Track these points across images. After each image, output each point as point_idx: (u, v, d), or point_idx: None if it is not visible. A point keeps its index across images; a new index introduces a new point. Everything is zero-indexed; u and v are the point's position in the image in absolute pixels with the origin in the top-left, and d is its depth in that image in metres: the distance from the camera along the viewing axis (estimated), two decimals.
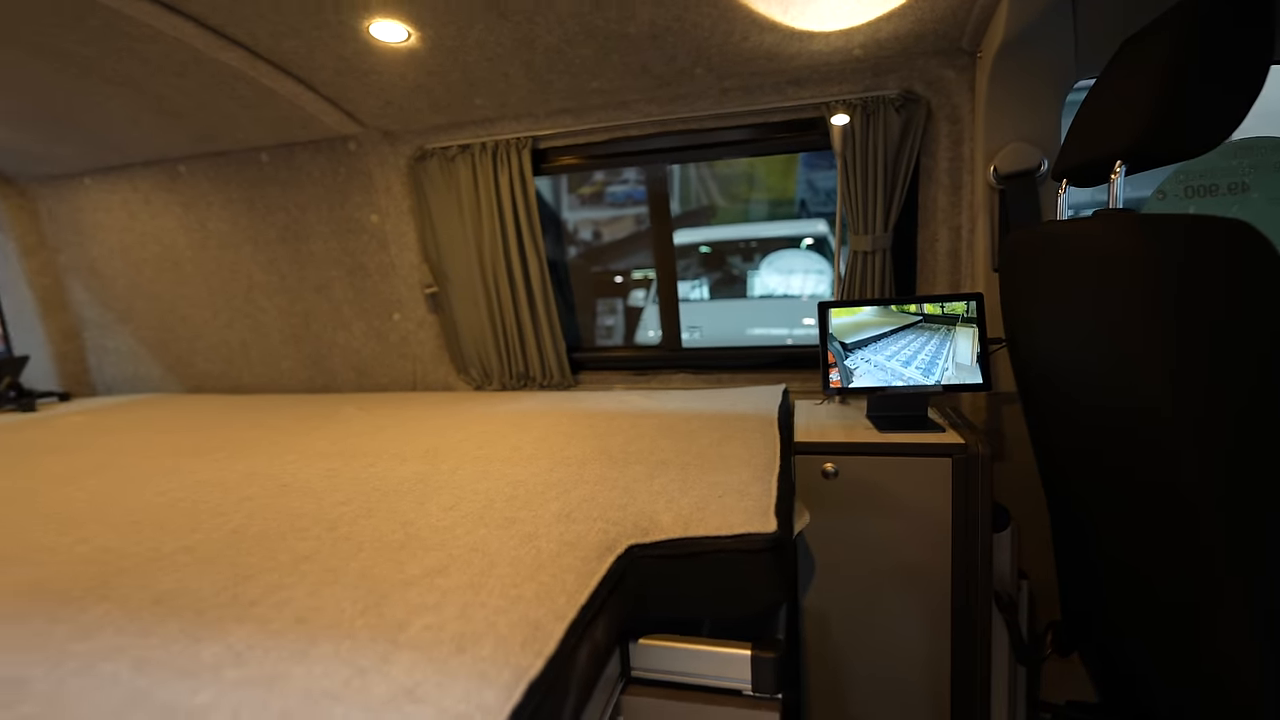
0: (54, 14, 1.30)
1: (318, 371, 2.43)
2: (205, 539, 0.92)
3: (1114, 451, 0.97)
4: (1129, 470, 0.93)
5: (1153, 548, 0.83)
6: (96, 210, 2.37)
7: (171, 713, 0.54)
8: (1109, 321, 0.88)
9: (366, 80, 1.70)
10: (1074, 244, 0.95)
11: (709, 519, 0.91)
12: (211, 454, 1.44)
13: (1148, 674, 0.92)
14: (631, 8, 1.40)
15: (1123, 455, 0.94)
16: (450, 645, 0.62)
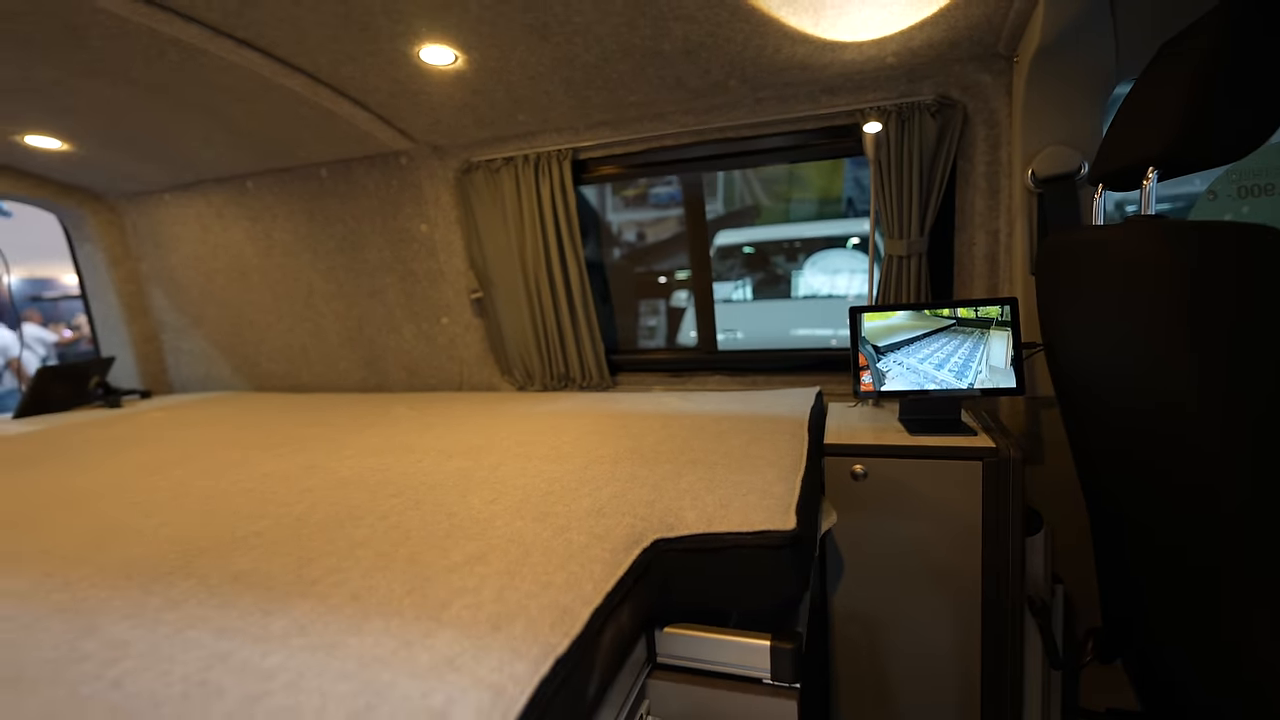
0: (142, 50, 1.44)
1: (371, 372, 2.57)
2: (273, 525, 1.02)
3: (1146, 455, 0.98)
4: (1163, 474, 0.93)
5: (1189, 553, 0.84)
6: (174, 223, 2.57)
7: (246, 671, 0.62)
8: (1137, 326, 0.89)
9: (417, 100, 1.81)
10: (1103, 250, 0.96)
11: (732, 516, 0.96)
12: (276, 448, 1.56)
13: (1189, 682, 0.92)
14: (666, 26, 1.46)
15: (1156, 459, 0.94)
16: (487, 624, 0.69)
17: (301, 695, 0.57)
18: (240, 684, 0.59)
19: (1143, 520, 1.00)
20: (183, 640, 0.68)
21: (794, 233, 6.95)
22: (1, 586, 0.83)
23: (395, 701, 0.56)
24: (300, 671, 0.61)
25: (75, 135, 1.98)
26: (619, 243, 8.22)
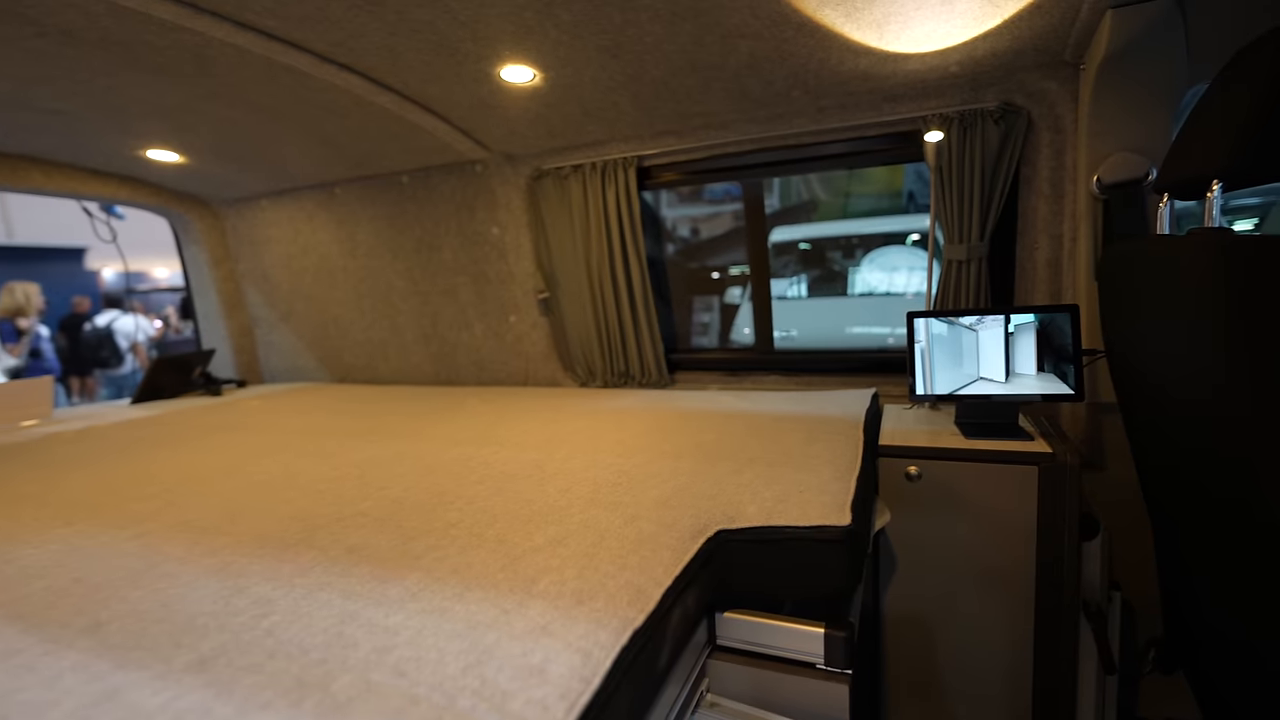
0: (258, 76, 1.61)
1: (443, 366, 2.73)
2: (375, 506, 1.15)
3: (1197, 465, 1.00)
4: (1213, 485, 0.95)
5: (1244, 563, 0.86)
6: (269, 227, 2.79)
7: (373, 628, 0.73)
8: (1188, 337, 0.91)
9: (494, 114, 1.93)
10: (1161, 261, 0.99)
11: (789, 510, 1.03)
12: (366, 436, 1.71)
13: (1251, 695, 0.93)
14: (732, 43, 1.52)
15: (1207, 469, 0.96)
16: (571, 598, 0.78)
17: (421, 649, 0.68)
18: (370, 638, 0.71)
19: (1198, 528, 1.01)
20: (315, 600, 0.80)
21: (852, 229, 6.84)
22: (163, 550, 0.98)
23: (500, 658, 0.66)
24: (418, 630, 0.72)
25: (191, 150, 2.19)
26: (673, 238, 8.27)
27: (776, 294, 6.88)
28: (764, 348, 2.32)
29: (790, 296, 7.02)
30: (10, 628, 0.76)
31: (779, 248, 7.25)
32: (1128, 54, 1.42)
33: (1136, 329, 1.12)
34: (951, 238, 1.82)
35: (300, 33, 1.43)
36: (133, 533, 1.06)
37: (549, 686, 0.61)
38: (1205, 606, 1.05)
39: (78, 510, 1.20)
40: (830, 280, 6.64)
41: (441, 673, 0.63)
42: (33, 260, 13.64)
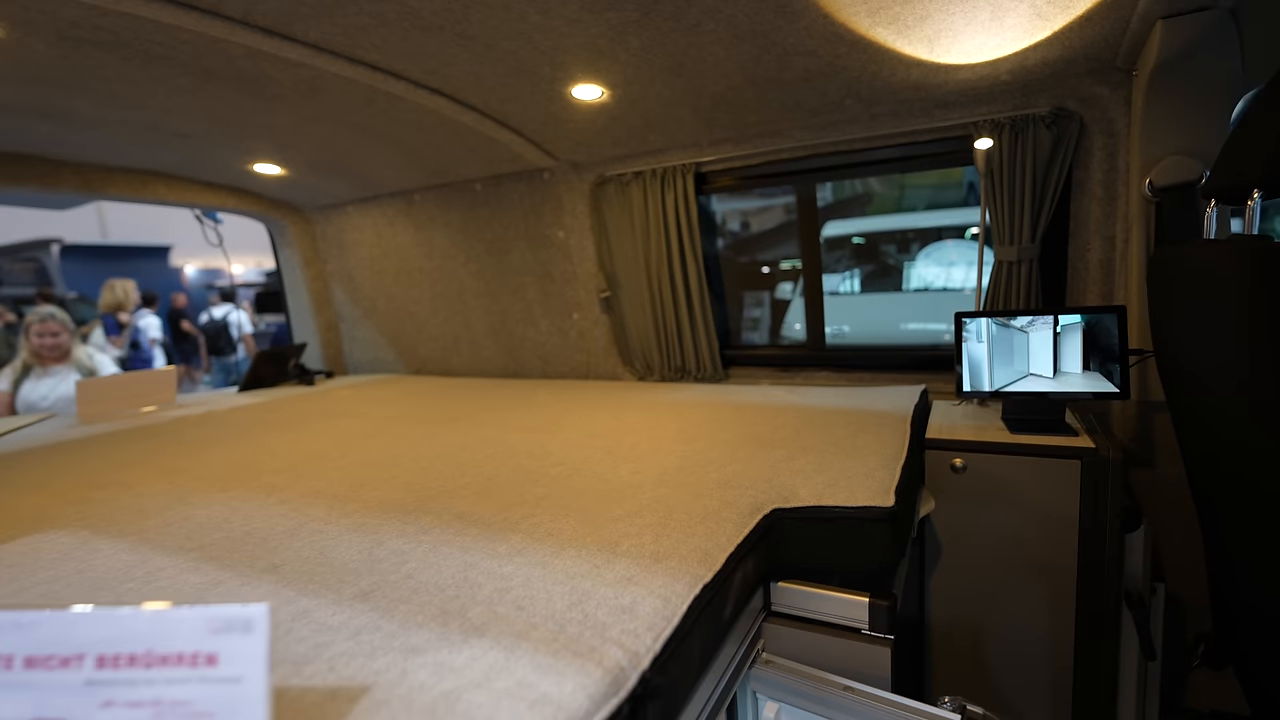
0: (359, 100, 1.81)
1: (510, 360, 2.93)
2: (472, 481, 1.32)
3: (1234, 456, 1.07)
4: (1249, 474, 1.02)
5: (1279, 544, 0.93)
6: (354, 231, 3.04)
7: (491, 574, 0.89)
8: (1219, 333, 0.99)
9: (563, 126, 2.09)
10: (1203, 265, 1.06)
11: (838, 493, 1.15)
12: (452, 423, 1.90)
13: None
14: (789, 60, 1.63)
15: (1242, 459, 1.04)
16: (650, 558, 0.93)
17: (532, 591, 0.83)
18: (490, 581, 0.87)
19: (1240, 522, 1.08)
20: (440, 553, 0.97)
21: (908, 223, 6.74)
22: (307, 512, 1.18)
23: (596, 599, 0.81)
24: (527, 577, 0.87)
25: (292, 163, 2.43)
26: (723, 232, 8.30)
27: (828, 289, 6.87)
28: (816, 345, 2.42)
29: (842, 292, 6.98)
30: (208, 565, 0.96)
31: (831, 242, 7.21)
32: (1179, 61, 1.46)
33: (1179, 328, 1.19)
34: (1002, 239, 1.88)
35: (400, 63, 1.62)
36: (277, 499, 1.26)
37: (638, 621, 0.75)
38: (1246, 585, 1.11)
39: (225, 480, 1.42)
40: (884, 275, 6.57)
41: (551, 607, 0.78)
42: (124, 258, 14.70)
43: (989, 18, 1.44)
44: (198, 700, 0.50)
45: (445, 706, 0.60)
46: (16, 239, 13.29)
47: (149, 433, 1.99)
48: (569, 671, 0.65)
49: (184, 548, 1.04)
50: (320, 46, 1.47)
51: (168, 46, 1.42)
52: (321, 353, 3.30)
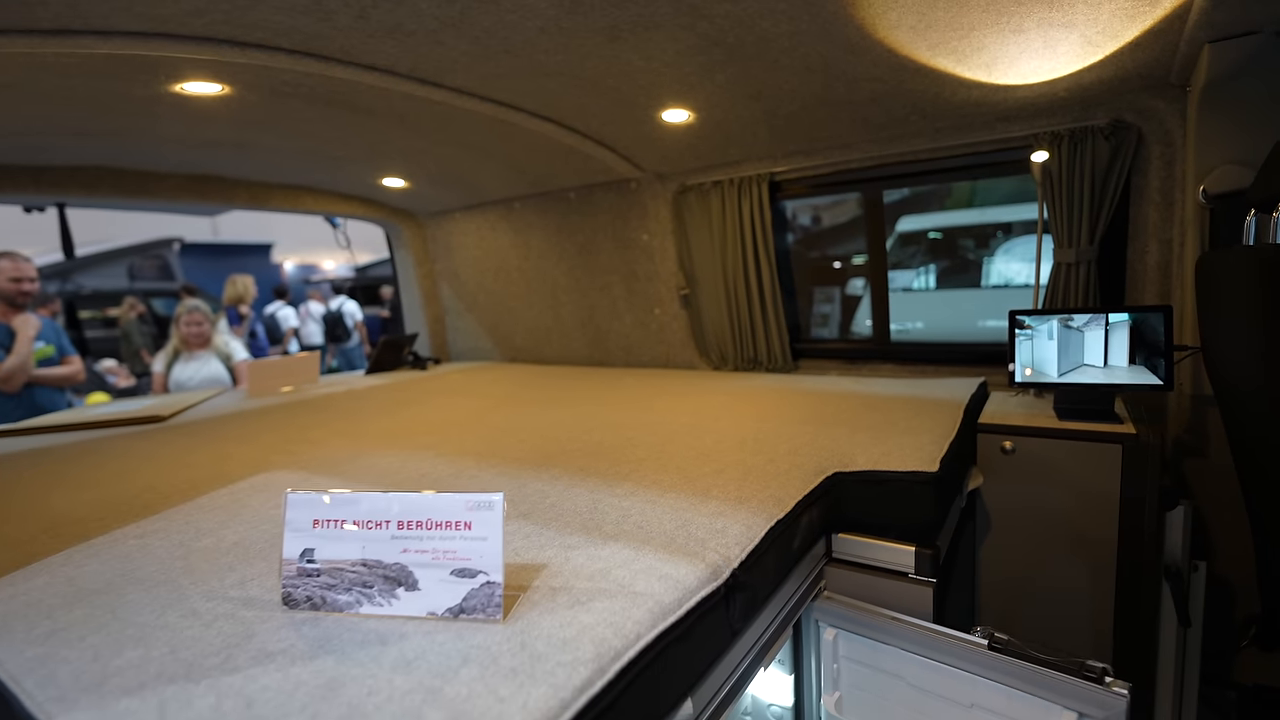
0: (482, 127, 2.14)
1: (596, 350, 3.24)
2: (583, 446, 1.61)
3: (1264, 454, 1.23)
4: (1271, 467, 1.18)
5: None
6: (460, 235, 3.42)
7: (613, 507, 1.17)
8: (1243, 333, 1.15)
9: (652, 143, 2.36)
10: (1231, 269, 1.23)
11: (891, 462, 1.37)
12: (554, 403, 2.22)
13: None
14: (858, 85, 1.84)
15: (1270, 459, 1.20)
16: (734, 501, 1.19)
17: (647, 518, 1.11)
18: (613, 511, 1.15)
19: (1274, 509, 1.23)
20: (572, 493, 1.26)
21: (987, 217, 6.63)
22: (460, 464, 1.50)
23: (696, 524, 1.07)
24: (642, 509, 1.15)
25: (415, 178, 2.82)
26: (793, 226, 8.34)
27: (902, 285, 6.89)
28: (881, 339, 2.60)
29: (916, 288, 6.94)
30: None
31: (906, 237, 7.17)
32: (1227, 81, 1.58)
33: (1218, 326, 1.34)
34: (1061, 242, 2.02)
35: (522, 100, 1.93)
36: (434, 453, 1.60)
37: (728, 539, 1.02)
38: None
39: (387, 441, 1.77)
40: (962, 271, 6.50)
41: (662, 528, 1.06)
42: (232, 255, 16.09)
43: (1041, 46, 1.60)
44: (459, 550, 0.80)
45: (600, 574, 0.88)
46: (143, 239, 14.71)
47: (309, 405, 2.41)
48: (681, 563, 0.92)
49: (377, 484, 1.38)
50: (462, 90, 1.80)
51: (344, 94, 1.78)
52: (429, 341, 3.72)
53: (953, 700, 1.21)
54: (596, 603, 0.81)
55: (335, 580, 0.83)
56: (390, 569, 0.81)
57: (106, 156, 2.21)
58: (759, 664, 1.10)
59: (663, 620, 0.79)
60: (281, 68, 1.48)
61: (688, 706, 0.85)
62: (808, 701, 1.40)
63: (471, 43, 1.46)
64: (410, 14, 1.29)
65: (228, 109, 1.80)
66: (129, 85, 1.52)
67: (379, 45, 1.44)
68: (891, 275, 7.40)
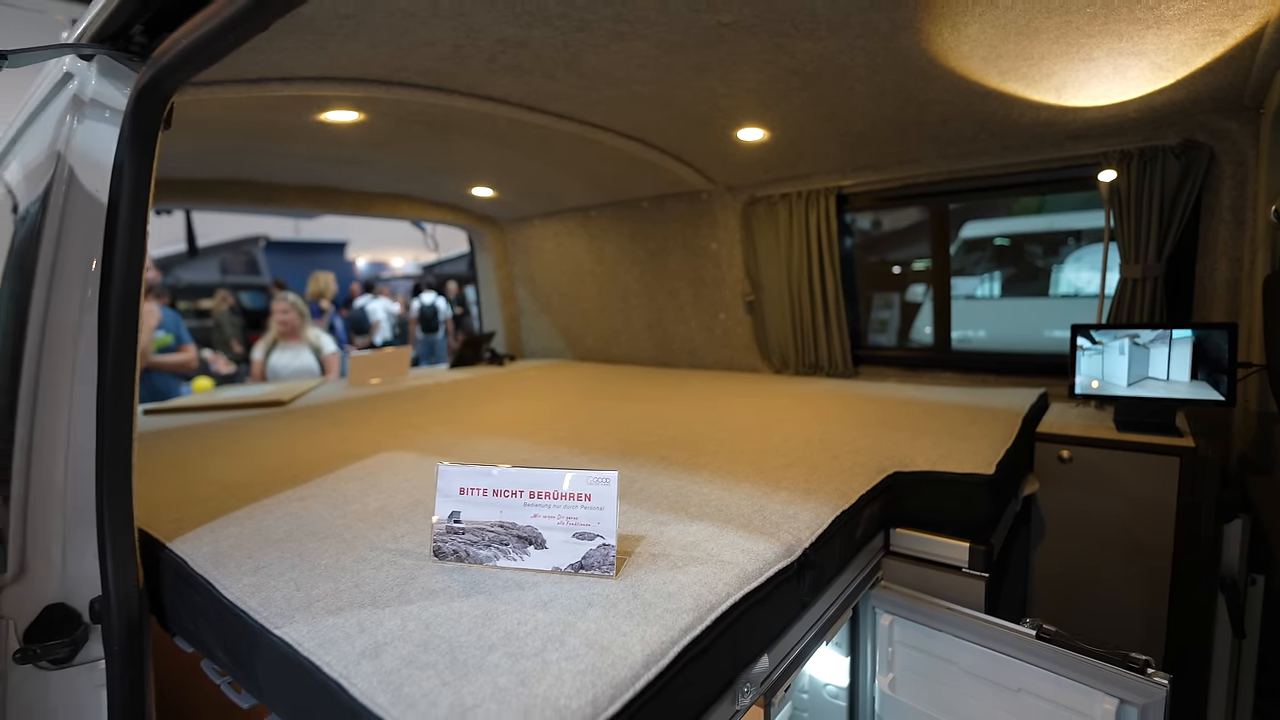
0: (570, 144, 2.33)
1: (663, 352, 3.41)
2: (660, 439, 1.78)
3: None
4: None
5: None
6: (538, 239, 3.65)
7: (695, 492, 1.33)
8: None
9: (725, 158, 2.51)
10: None
11: (949, 464, 1.48)
12: (629, 399, 2.39)
13: None
14: (927, 107, 1.94)
15: None
16: (803, 492, 1.33)
17: (725, 503, 1.26)
18: (695, 497, 1.31)
19: None
20: (656, 479, 1.43)
21: (1057, 224, 6.45)
22: (554, 450, 1.69)
23: (769, 510, 1.22)
24: (721, 495, 1.31)
25: (502, 188, 3.05)
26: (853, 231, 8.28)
27: (965, 292, 6.77)
28: (941, 347, 2.67)
29: (980, 295, 6.81)
30: None
31: (970, 243, 7.04)
32: None
33: None
34: (1128, 258, 2.07)
35: (611, 122, 2.11)
36: (529, 441, 1.80)
37: (799, 524, 1.16)
38: None
39: (484, 429, 1.99)
40: (1029, 278, 6.35)
41: (740, 512, 1.21)
42: (311, 252, 17.03)
43: (1111, 72, 1.67)
44: (580, 517, 0.97)
45: (691, 546, 1.04)
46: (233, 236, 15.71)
47: (405, 396, 2.67)
48: (760, 541, 1.07)
49: None
50: (562, 115, 2.00)
51: (458, 120, 2.00)
52: (505, 339, 3.97)
53: (1001, 685, 1.32)
54: (691, 567, 0.97)
55: (477, 538, 1.02)
56: (523, 530, 1.00)
57: (242, 171, 2.52)
58: (820, 639, 1.24)
59: (747, 584, 0.95)
60: (414, 100, 1.70)
61: (764, 661, 1.01)
62: (862, 682, 1.53)
63: (578, 77, 1.65)
64: (531, 57, 1.49)
65: (357, 132, 2.05)
66: (284, 116, 1.78)
67: (499, 80, 1.65)
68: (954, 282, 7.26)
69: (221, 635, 1.00)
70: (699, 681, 0.85)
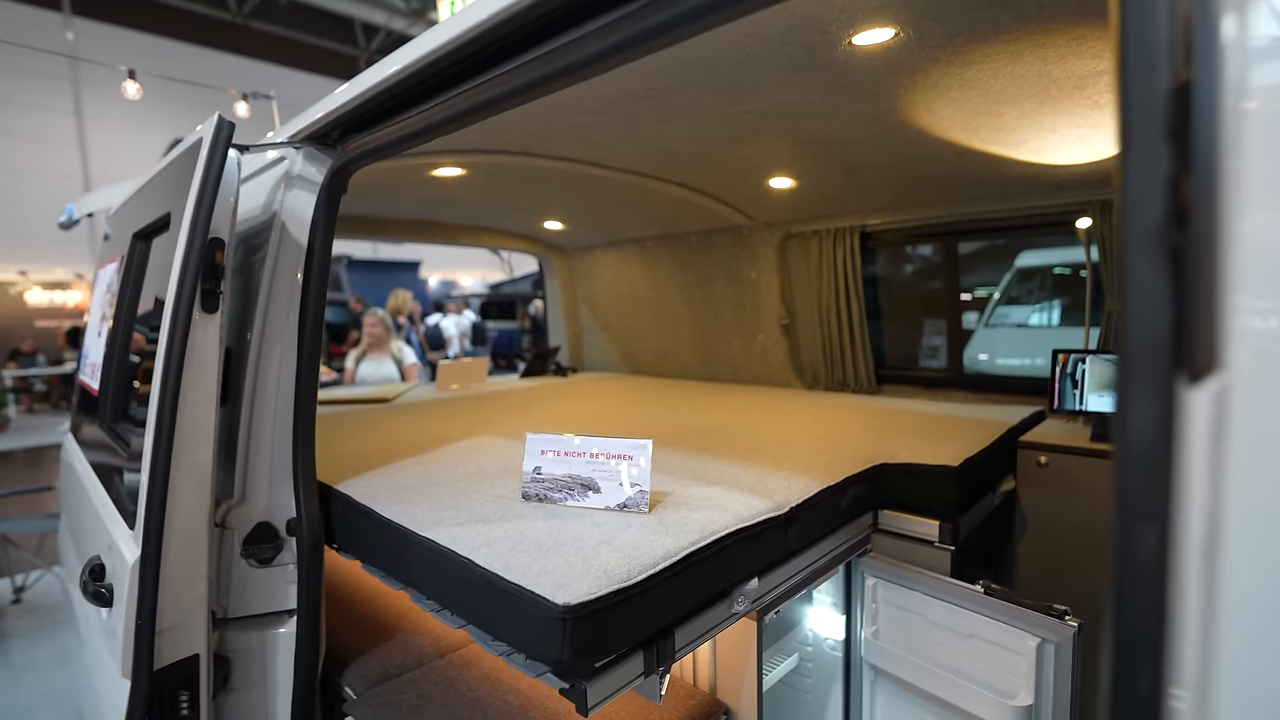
0: (627, 189, 2.79)
1: (707, 368, 3.80)
2: (694, 434, 2.18)
3: None
4: None
5: None
6: (599, 266, 4.14)
7: (716, 467, 1.72)
8: None
9: (762, 201, 2.91)
10: None
11: (927, 458, 1.82)
12: (672, 406, 2.80)
13: None
14: (928, 164, 2.30)
15: None
16: (801, 472, 1.70)
17: (737, 476, 1.65)
18: (715, 470, 1.70)
19: None
20: (688, 460, 1.83)
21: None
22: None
23: (770, 482, 1.60)
24: (734, 471, 1.70)
25: (570, 222, 3.54)
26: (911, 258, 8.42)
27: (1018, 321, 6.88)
28: (955, 369, 2.97)
29: (1034, 324, 6.90)
30: None
31: (1024, 272, 7.13)
32: None
33: None
34: (1109, 293, 2.35)
35: (661, 173, 2.56)
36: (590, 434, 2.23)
37: (791, 491, 1.54)
38: None
39: (558, 426, 2.44)
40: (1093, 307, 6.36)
41: (746, 482, 1.60)
42: (388, 270, 18.19)
43: (1076, 140, 2.00)
44: (625, 471, 1.39)
45: (704, 499, 1.44)
46: None
47: (485, 399, 3.16)
48: (758, 500, 1.46)
49: None
50: (621, 169, 2.46)
51: (538, 172, 2.50)
52: (568, 353, 4.46)
53: (958, 632, 1.64)
54: (702, 510, 1.38)
55: (552, 485, 1.45)
56: (585, 479, 1.42)
57: (364, 208, 3.10)
58: (810, 582, 1.60)
59: (741, 523, 1.34)
60: (506, 161, 2.20)
61: (755, 582, 1.39)
62: (854, 634, 1.87)
63: (635, 145, 2.11)
64: (597, 132, 1.96)
65: (457, 181, 2.57)
66: (406, 172, 2.32)
67: (574, 146, 2.12)
68: (1006, 310, 7.35)
69: (381, 543, 1.46)
70: (701, 580, 1.25)
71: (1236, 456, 0.40)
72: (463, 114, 1.14)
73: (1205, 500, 0.40)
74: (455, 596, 1.25)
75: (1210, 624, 0.40)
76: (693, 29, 0.78)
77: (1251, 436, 0.39)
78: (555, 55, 0.95)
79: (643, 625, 1.14)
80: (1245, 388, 0.39)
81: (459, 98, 1.15)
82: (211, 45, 15.89)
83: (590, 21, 0.90)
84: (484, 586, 1.14)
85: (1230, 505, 0.40)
